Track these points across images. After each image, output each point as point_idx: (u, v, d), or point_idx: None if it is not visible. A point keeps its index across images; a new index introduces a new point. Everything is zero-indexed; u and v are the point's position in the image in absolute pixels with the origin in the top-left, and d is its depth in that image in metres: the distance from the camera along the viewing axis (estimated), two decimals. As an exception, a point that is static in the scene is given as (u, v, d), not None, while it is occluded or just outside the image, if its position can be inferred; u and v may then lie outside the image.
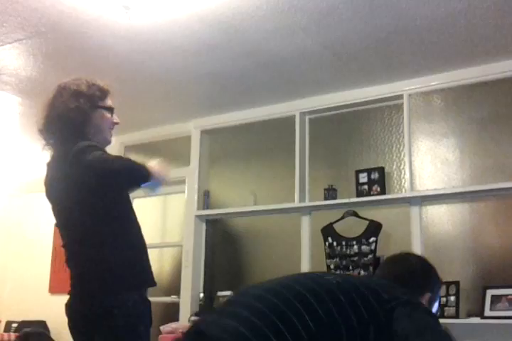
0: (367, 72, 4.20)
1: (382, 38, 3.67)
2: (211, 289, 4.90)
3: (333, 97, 4.55)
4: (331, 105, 4.59)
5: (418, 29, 3.56)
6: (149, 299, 2.34)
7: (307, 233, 4.55)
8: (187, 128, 5.21)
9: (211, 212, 5.07)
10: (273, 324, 1.54)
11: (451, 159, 4.15)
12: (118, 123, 2.52)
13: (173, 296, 5.03)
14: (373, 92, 4.40)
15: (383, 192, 4.23)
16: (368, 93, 4.42)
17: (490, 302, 3.66)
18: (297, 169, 4.62)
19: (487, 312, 3.65)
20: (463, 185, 4.04)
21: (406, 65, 4.07)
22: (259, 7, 3.34)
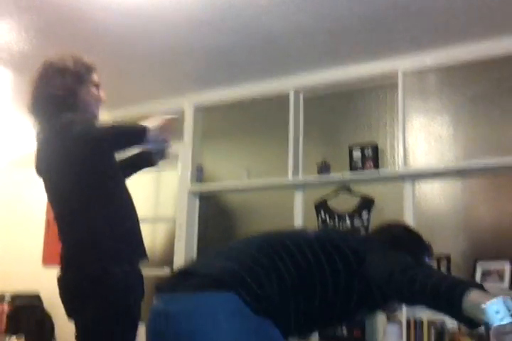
0: (361, 49, 4.18)
1: (376, 14, 3.65)
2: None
3: (327, 75, 4.53)
4: (326, 83, 4.56)
5: (413, 5, 3.53)
6: (142, 272, 2.35)
7: (300, 208, 4.57)
8: (180, 103, 5.19)
9: (204, 187, 5.08)
10: (260, 262, 1.70)
11: (444, 136, 4.16)
12: (104, 99, 2.51)
13: (165, 268, 5.04)
14: (368, 70, 4.38)
15: (376, 168, 4.24)
16: (363, 70, 4.40)
17: (480, 275, 3.71)
18: (291, 145, 4.61)
19: (477, 286, 3.69)
20: (455, 162, 4.06)
21: (401, 42, 4.05)
22: (253, -19, 3.32)
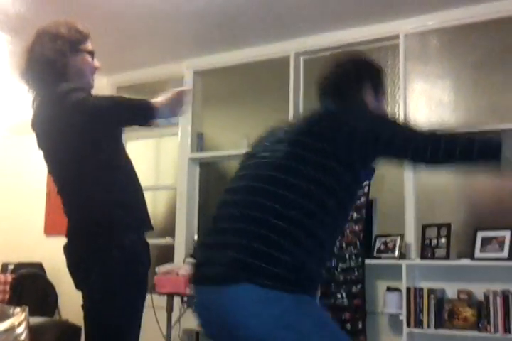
0: (362, 12, 4.10)
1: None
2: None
3: (328, 37, 4.46)
4: (326, 45, 4.49)
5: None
6: (147, 241, 2.35)
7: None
8: (179, 69, 5.12)
9: (205, 155, 5.05)
10: (263, 233, 1.71)
11: (445, 101, 4.12)
12: (99, 67, 2.47)
13: (167, 237, 5.07)
14: (369, 32, 4.31)
15: (377, 134, 4.20)
16: (364, 33, 4.33)
17: (480, 244, 3.70)
18: (291, 110, 4.57)
19: (477, 253, 3.69)
20: (457, 128, 4.01)
21: (402, 4, 3.98)
22: None
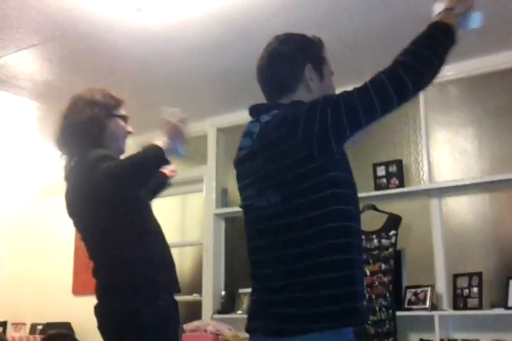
0: (380, 64, 4.16)
1: (394, 29, 3.65)
2: (232, 286, 4.91)
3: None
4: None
5: (430, 20, 3.52)
6: (176, 300, 2.34)
7: (327, 228, 4.52)
8: (203, 126, 5.21)
9: (230, 210, 5.07)
10: (294, 282, 1.60)
11: (469, 149, 4.12)
12: (132, 132, 2.51)
13: (195, 294, 5.05)
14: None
15: (402, 185, 4.21)
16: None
17: (514, 292, 3.63)
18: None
19: (511, 302, 3.61)
20: (482, 176, 4.01)
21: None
22: (270, 3, 3.34)
